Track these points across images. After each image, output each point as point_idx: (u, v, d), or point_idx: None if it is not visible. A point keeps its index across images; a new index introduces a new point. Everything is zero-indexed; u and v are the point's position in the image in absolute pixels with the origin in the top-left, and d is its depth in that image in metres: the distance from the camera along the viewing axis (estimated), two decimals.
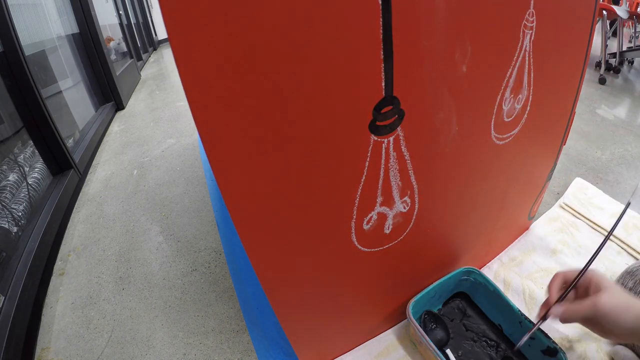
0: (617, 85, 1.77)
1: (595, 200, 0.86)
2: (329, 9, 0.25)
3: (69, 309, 0.78)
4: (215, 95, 0.25)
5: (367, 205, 0.39)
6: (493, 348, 0.54)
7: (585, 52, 0.52)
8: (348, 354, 0.57)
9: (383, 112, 0.32)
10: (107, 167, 1.43)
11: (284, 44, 0.25)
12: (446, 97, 0.36)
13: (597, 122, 1.35)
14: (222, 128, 0.26)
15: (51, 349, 0.69)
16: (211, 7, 0.22)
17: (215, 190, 1.12)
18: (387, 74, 0.30)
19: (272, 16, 0.24)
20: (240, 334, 0.66)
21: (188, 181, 1.21)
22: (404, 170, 0.39)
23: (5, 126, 1.06)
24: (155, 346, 0.67)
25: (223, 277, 0.80)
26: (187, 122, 1.76)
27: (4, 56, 1.06)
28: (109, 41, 2.46)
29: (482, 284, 0.57)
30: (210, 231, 0.95)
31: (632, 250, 0.70)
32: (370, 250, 0.44)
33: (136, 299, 0.78)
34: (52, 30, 1.61)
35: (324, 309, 0.48)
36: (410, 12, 0.29)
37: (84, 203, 1.19)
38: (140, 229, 1.01)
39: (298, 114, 0.28)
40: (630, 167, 1.03)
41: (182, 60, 0.23)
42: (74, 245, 0.99)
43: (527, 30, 0.40)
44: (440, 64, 0.34)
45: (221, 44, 0.23)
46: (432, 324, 0.57)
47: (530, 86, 0.46)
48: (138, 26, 3.78)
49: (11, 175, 1.03)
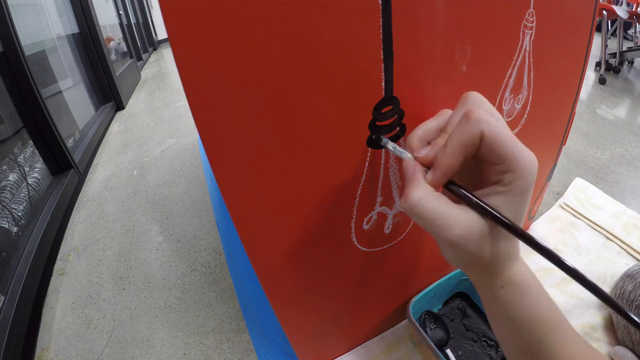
0: (617, 85, 1.77)
1: (595, 200, 0.86)
2: (329, 9, 0.25)
3: (69, 309, 0.78)
4: (215, 95, 0.25)
5: (367, 205, 0.39)
6: (493, 348, 0.54)
7: (585, 52, 0.52)
8: (348, 354, 0.57)
9: (383, 112, 0.32)
10: (107, 167, 1.43)
11: (284, 44, 0.25)
12: (446, 97, 0.36)
13: (597, 122, 1.35)
14: (222, 128, 0.26)
15: (51, 349, 0.69)
16: (211, 7, 0.22)
17: (215, 190, 1.12)
18: (387, 74, 0.30)
19: (272, 16, 0.24)
20: (240, 334, 0.66)
21: (188, 181, 1.21)
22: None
23: (5, 126, 1.06)
24: (155, 346, 0.67)
25: (223, 277, 0.80)
26: (187, 122, 1.76)
27: (4, 56, 1.06)
28: (109, 41, 2.46)
29: None
30: (210, 231, 0.95)
31: (632, 250, 0.70)
32: (370, 250, 0.44)
33: (136, 299, 0.78)
34: (52, 30, 1.61)
35: (324, 309, 0.48)
36: (410, 12, 0.29)
37: (84, 203, 1.19)
38: (140, 229, 1.01)
39: (298, 113, 0.28)
40: (630, 167, 1.03)
41: (182, 60, 0.23)
42: (74, 245, 0.99)
43: (527, 30, 0.40)
44: (440, 64, 0.34)
45: (221, 44, 0.23)
46: (432, 324, 0.57)
47: (530, 86, 0.46)
48: (138, 26, 3.78)
49: (11, 175, 1.03)
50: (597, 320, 0.58)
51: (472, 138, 0.21)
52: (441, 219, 0.22)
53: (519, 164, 0.21)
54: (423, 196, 0.22)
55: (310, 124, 0.30)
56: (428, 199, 0.22)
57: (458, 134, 0.22)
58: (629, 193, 0.92)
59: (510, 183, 0.21)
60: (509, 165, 0.21)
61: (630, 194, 0.92)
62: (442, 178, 0.23)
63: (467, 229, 0.22)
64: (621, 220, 0.78)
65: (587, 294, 0.62)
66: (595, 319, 0.58)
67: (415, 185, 0.23)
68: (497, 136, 0.21)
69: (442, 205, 0.22)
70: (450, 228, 0.22)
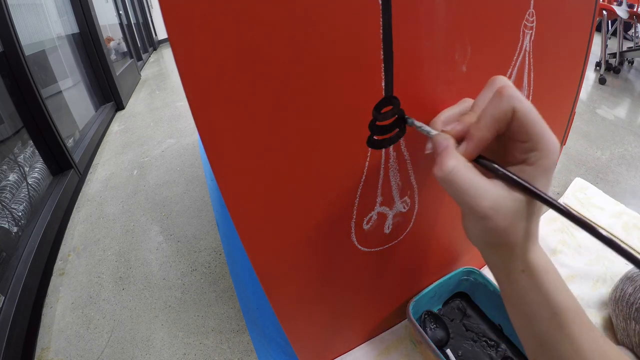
0: (617, 85, 1.77)
1: (595, 200, 0.86)
2: (329, 9, 0.25)
3: (69, 309, 0.78)
4: (215, 96, 0.25)
5: (367, 205, 0.39)
6: (493, 348, 0.54)
7: (585, 52, 0.52)
8: (348, 354, 0.57)
9: (383, 112, 0.32)
10: (107, 167, 1.43)
11: (284, 44, 0.25)
12: (446, 97, 0.36)
13: (597, 122, 1.35)
14: (222, 128, 0.26)
15: (51, 349, 0.69)
16: (211, 7, 0.22)
17: (215, 190, 1.12)
18: (387, 74, 0.30)
19: (272, 16, 0.24)
20: (240, 334, 0.66)
21: (188, 181, 1.21)
22: (404, 170, 0.39)
23: (5, 126, 1.06)
24: (155, 346, 0.67)
25: (223, 277, 0.80)
26: (187, 122, 1.76)
27: (4, 56, 1.06)
28: (109, 41, 2.46)
29: (482, 284, 0.57)
30: (210, 231, 0.95)
31: (632, 250, 0.70)
32: (370, 250, 0.44)
33: (136, 299, 0.78)
34: (52, 30, 1.61)
35: (324, 309, 0.48)
36: (410, 12, 0.29)
37: (84, 203, 1.19)
38: (140, 229, 1.01)
39: (298, 113, 0.28)
40: (630, 167, 1.03)
41: (182, 60, 0.23)
42: (74, 245, 0.99)
43: (527, 30, 0.40)
44: (440, 64, 0.34)
45: (221, 44, 0.23)
46: (432, 324, 0.57)
47: (530, 86, 0.46)
48: (138, 26, 3.78)
49: (11, 175, 1.03)
50: (596, 321, 0.58)
51: (505, 113, 0.22)
52: (474, 188, 0.22)
53: (544, 142, 0.21)
54: (457, 165, 0.23)
55: (310, 124, 0.30)
56: (462, 168, 0.23)
57: (492, 108, 0.22)
58: (629, 193, 0.92)
59: (535, 162, 0.22)
60: (535, 144, 0.22)
61: (630, 194, 0.92)
62: (475, 150, 0.23)
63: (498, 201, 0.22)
64: (621, 220, 0.78)
65: (587, 294, 0.63)
66: (595, 319, 0.58)
67: (449, 154, 0.23)
68: (527, 114, 0.21)
69: (475, 176, 0.22)
70: (482, 198, 0.22)
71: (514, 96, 0.21)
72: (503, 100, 0.22)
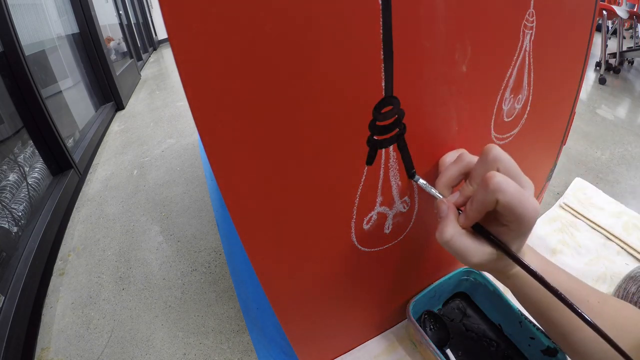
0: (617, 85, 1.77)
1: (595, 200, 0.86)
2: (329, 9, 0.25)
3: (69, 309, 0.78)
4: (215, 96, 0.25)
5: (367, 205, 0.39)
6: (493, 348, 0.54)
7: (585, 52, 0.52)
8: (348, 354, 0.57)
9: (383, 112, 0.32)
10: (107, 167, 1.43)
11: (283, 44, 0.25)
12: (446, 97, 0.36)
13: (597, 122, 1.35)
14: (222, 128, 0.26)
15: (51, 349, 0.69)
16: (211, 7, 0.22)
17: (215, 190, 1.12)
18: (387, 74, 0.30)
19: (272, 16, 0.24)
20: (240, 334, 0.66)
21: (188, 181, 1.21)
22: (404, 170, 0.39)
23: (5, 126, 1.06)
24: (155, 346, 0.67)
25: (223, 277, 0.80)
26: (187, 122, 1.76)
27: (4, 56, 1.06)
28: (109, 41, 2.46)
29: (482, 284, 0.57)
30: (210, 231, 0.95)
31: (632, 250, 0.70)
32: (370, 250, 0.44)
33: (136, 299, 0.78)
34: (52, 30, 1.61)
35: (324, 309, 0.48)
36: (410, 12, 0.29)
37: (84, 203, 1.19)
38: (140, 229, 1.01)
39: (298, 113, 0.28)
40: (630, 167, 1.03)
41: (182, 60, 0.23)
42: (74, 245, 0.99)
43: (527, 30, 0.40)
44: (440, 64, 0.34)
45: (221, 44, 0.23)
46: (432, 324, 0.57)
47: (530, 86, 0.46)
48: (138, 26, 3.78)
49: (11, 175, 1.03)
50: None
51: (490, 202, 0.28)
52: (466, 251, 0.30)
53: (523, 218, 0.28)
54: (455, 234, 0.30)
55: (310, 124, 0.30)
56: (458, 237, 0.30)
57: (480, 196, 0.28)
58: (629, 193, 0.92)
59: (515, 229, 0.29)
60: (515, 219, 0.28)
61: (630, 194, 0.92)
62: (470, 224, 0.31)
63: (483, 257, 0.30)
64: (621, 220, 0.78)
65: None
66: None
67: (449, 223, 0.31)
68: (508, 203, 0.27)
69: (467, 240, 0.30)
70: (471, 257, 0.30)
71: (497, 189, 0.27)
72: (488, 193, 0.27)
